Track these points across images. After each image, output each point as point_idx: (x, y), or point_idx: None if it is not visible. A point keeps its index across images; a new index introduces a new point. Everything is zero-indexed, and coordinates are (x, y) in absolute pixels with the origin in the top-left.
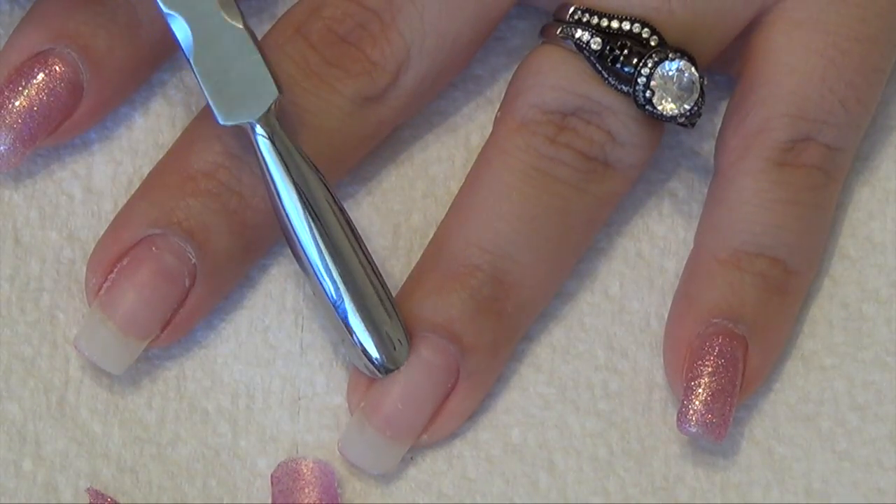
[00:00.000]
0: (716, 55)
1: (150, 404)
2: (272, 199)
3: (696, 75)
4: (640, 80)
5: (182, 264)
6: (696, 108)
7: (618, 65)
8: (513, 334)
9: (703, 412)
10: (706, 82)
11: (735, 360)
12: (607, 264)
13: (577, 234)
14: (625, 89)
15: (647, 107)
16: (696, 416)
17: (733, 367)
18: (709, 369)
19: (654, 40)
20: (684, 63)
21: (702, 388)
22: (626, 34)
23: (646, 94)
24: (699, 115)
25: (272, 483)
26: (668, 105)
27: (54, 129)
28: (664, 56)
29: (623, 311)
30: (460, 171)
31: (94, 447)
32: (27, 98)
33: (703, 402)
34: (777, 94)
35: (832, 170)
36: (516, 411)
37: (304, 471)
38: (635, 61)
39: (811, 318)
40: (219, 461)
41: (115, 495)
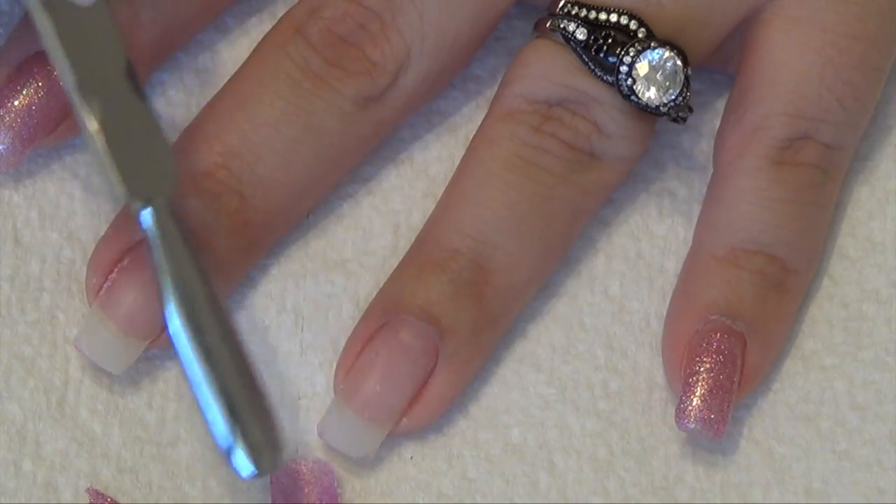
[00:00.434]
0: (710, 50)
1: (150, 404)
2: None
3: (680, 65)
4: (622, 69)
5: None
6: (682, 98)
7: (601, 54)
8: (494, 319)
9: (701, 408)
10: (690, 72)
11: (733, 357)
12: (607, 264)
13: (561, 223)
14: (609, 79)
15: (632, 97)
16: (694, 412)
17: (731, 364)
18: (707, 366)
19: (641, 32)
20: (667, 52)
21: (700, 385)
22: (613, 26)
23: (628, 83)
24: (688, 109)
25: (272, 483)
26: (650, 94)
27: (53, 129)
28: (647, 45)
29: (623, 311)
30: None
31: (94, 447)
32: (26, 98)
33: (701, 398)
34: (774, 92)
35: (830, 168)
36: (516, 411)
37: (304, 471)
38: (618, 50)
39: (811, 318)
40: (219, 461)
41: (115, 495)
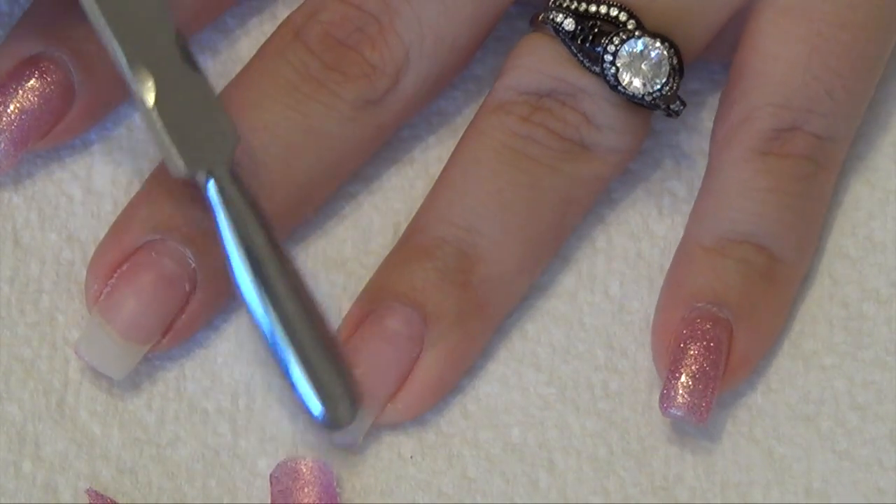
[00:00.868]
0: (705, 42)
1: (149, 405)
2: (222, 252)
3: (665, 55)
4: (606, 58)
5: (182, 269)
6: (668, 89)
7: (588, 44)
8: (480, 307)
9: (685, 394)
10: (677, 63)
11: (719, 344)
12: (607, 264)
13: (549, 212)
14: (597, 70)
15: (619, 87)
16: (678, 398)
17: (717, 351)
18: (692, 352)
19: (631, 24)
20: (651, 41)
21: (685, 371)
22: (604, 18)
23: (612, 72)
24: (681, 103)
25: (271, 483)
26: (636, 84)
27: (46, 133)
28: (631, 35)
29: (623, 311)
30: None
31: (93, 448)
32: (18, 102)
33: (685, 384)
34: (761, 83)
35: (822, 159)
36: (516, 411)
37: (304, 470)
38: (603, 40)
39: (811, 318)
40: (219, 461)
41: (114, 496)
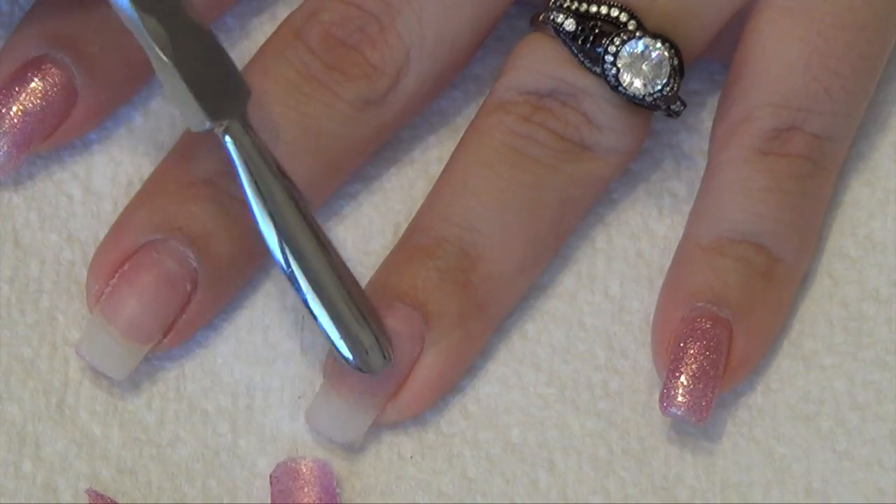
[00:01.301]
0: (705, 43)
1: (149, 405)
2: (246, 202)
3: (666, 55)
4: (607, 59)
5: (184, 270)
6: (669, 89)
7: (588, 45)
8: (481, 306)
9: (685, 394)
10: (678, 63)
11: (719, 343)
12: (607, 264)
13: (549, 212)
14: (597, 71)
15: (619, 88)
16: (678, 397)
17: (717, 350)
18: (691, 351)
19: (632, 24)
20: (652, 42)
21: (684, 370)
22: (604, 18)
23: (612, 73)
24: (681, 103)
25: (271, 483)
26: (637, 84)
27: (49, 134)
28: (632, 35)
29: (623, 311)
30: None
31: (93, 448)
32: (21, 103)
33: (685, 383)
34: (760, 83)
35: (821, 159)
36: (516, 411)
37: (304, 470)
38: (604, 41)
39: (811, 317)
40: (219, 461)
41: (114, 496)
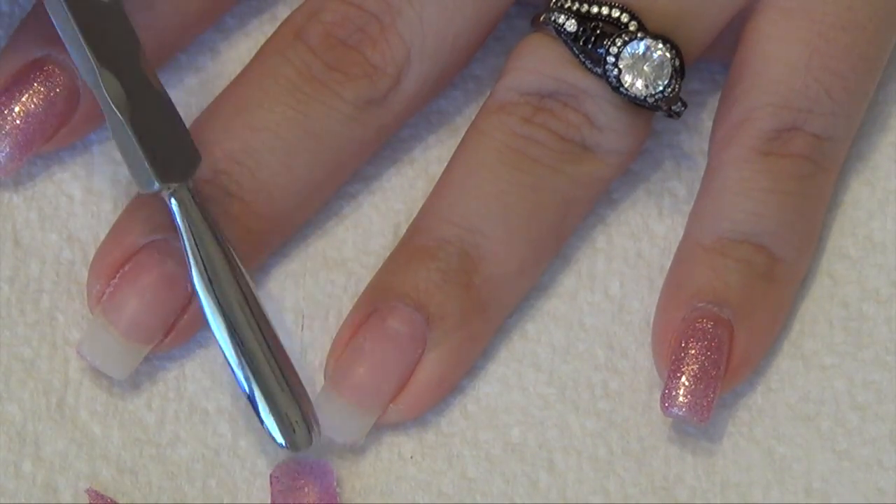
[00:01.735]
0: (706, 43)
1: (149, 405)
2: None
3: (668, 56)
4: (608, 60)
5: (184, 270)
6: (671, 90)
7: (590, 46)
8: (483, 308)
9: (686, 394)
10: (679, 64)
11: (720, 343)
12: (607, 264)
13: (551, 213)
14: (599, 71)
15: (621, 89)
16: (679, 397)
17: (718, 350)
18: (693, 351)
19: (633, 25)
20: (654, 43)
21: (686, 370)
22: (605, 19)
23: (614, 74)
24: (682, 104)
25: (272, 483)
26: (638, 85)
27: (52, 136)
28: (634, 37)
29: (623, 311)
30: None
31: (93, 448)
32: (24, 105)
33: (686, 384)
34: (761, 83)
35: (821, 159)
36: (516, 411)
37: (304, 471)
38: (605, 42)
39: (811, 317)
40: (219, 461)
41: (114, 496)
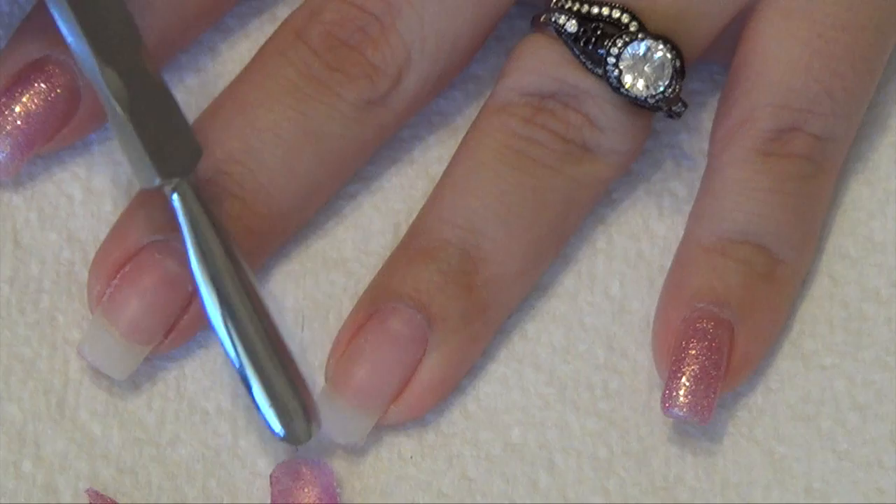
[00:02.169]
0: (707, 44)
1: (149, 405)
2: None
3: (668, 57)
4: (609, 60)
5: (184, 270)
6: (671, 91)
7: (590, 46)
8: (484, 309)
9: (687, 395)
10: (680, 65)
11: (720, 344)
12: (607, 264)
13: (551, 214)
14: (600, 72)
15: (621, 90)
16: (680, 398)
17: (718, 351)
18: (693, 352)
19: (633, 26)
20: (654, 44)
21: (686, 371)
22: (605, 19)
23: (615, 75)
24: (683, 104)
25: (272, 483)
26: (639, 86)
27: (52, 136)
28: (635, 37)
29: (623, 311)
30: None
31: (93, 448)
32: (24, 105)
33: (687, 384)
34: (761, 84)
35: (822, 160)
36: (516, 411)
37: (304, 471)
38: (606, 42)
39: (811, 318)
40: (219, 461)
41: (114, 496)
